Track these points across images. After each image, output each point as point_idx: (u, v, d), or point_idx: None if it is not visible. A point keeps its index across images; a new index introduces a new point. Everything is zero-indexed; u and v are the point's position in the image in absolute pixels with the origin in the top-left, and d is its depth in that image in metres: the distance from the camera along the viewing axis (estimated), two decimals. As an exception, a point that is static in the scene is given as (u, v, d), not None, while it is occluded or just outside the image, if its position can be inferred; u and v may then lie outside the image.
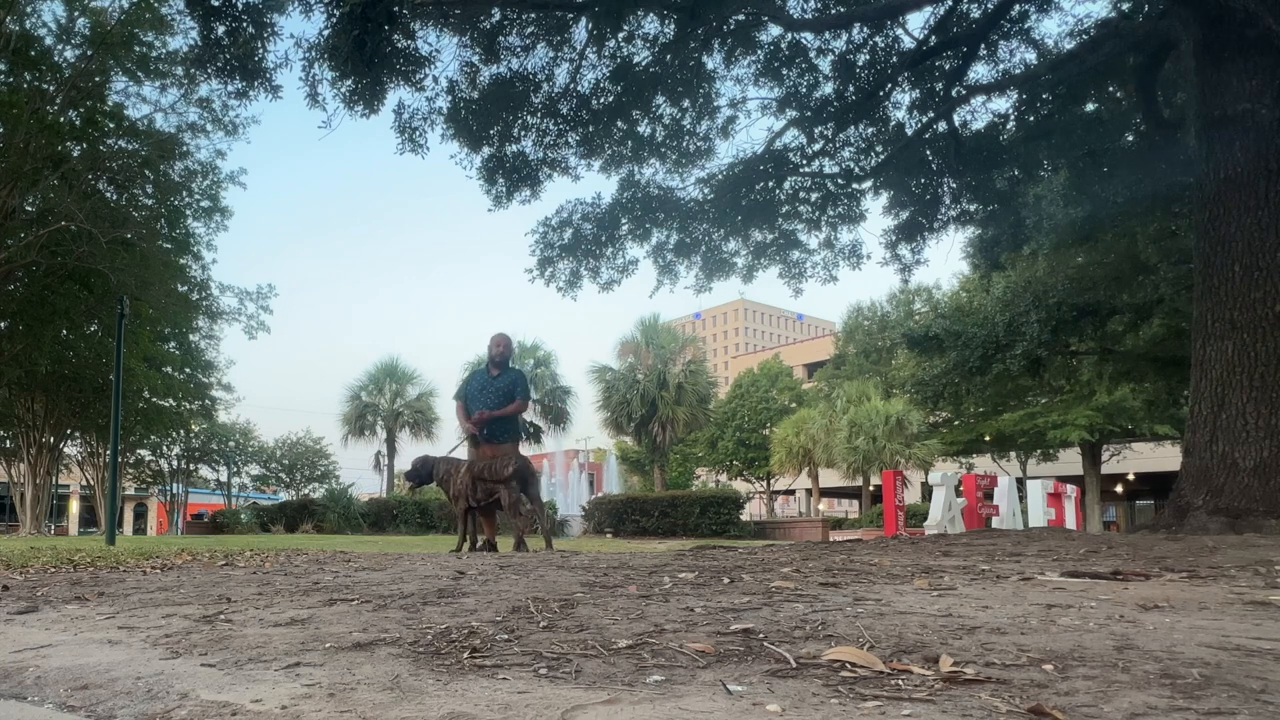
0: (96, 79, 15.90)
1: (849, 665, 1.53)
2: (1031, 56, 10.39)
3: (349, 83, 8.46)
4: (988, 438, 29.70)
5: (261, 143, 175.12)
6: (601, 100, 10.31)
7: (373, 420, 39.61)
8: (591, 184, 70.85)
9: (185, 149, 17.32)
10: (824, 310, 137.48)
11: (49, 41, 15.51)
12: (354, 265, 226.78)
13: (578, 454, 35.28)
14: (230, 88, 8.70)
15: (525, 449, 7.27)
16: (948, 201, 11.73)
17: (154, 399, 22.51)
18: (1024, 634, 1.86)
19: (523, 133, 10.55)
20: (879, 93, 10.80)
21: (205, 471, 43.41)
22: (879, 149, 11.47)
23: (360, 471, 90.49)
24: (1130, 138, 10.86)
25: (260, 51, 8.28)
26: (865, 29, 10.34)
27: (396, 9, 7.72)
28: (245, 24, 8.09)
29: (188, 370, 24.31)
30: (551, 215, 11.38)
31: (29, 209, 16.32)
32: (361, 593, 2.89)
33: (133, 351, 18.17)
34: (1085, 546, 4.69)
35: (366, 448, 40.12)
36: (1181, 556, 4.00)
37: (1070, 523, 16.51)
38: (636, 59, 10.05)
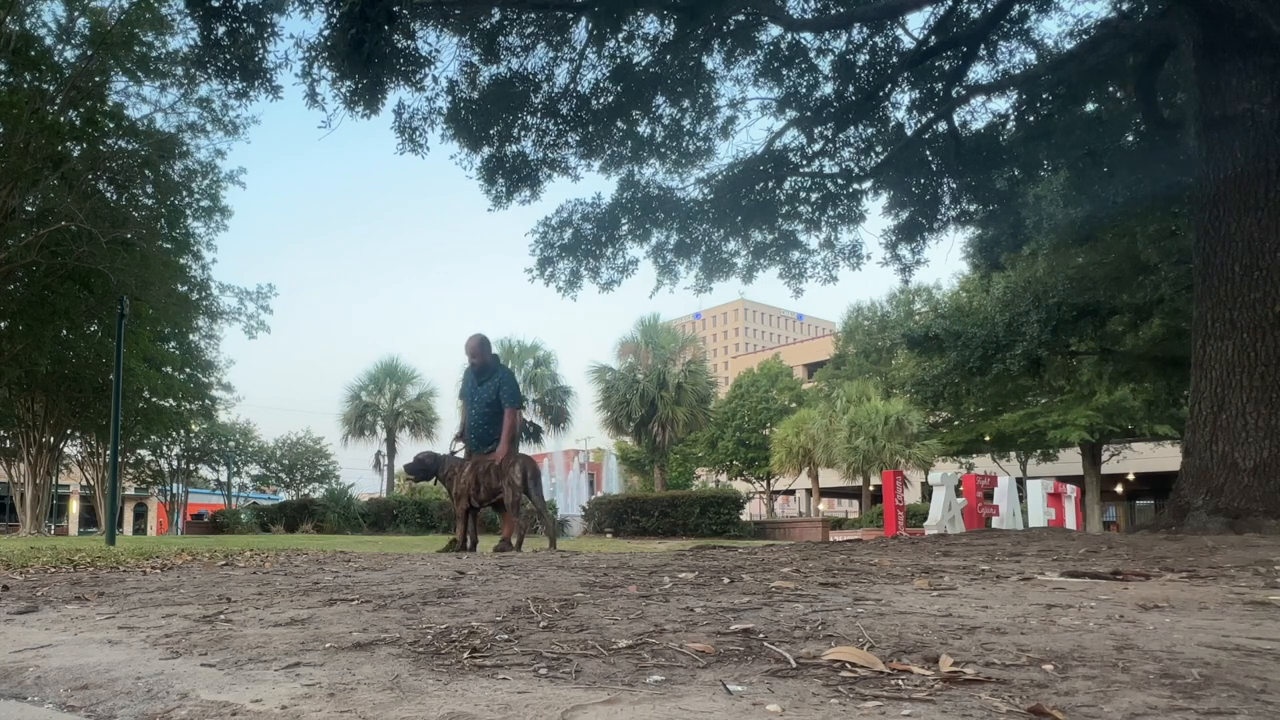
0: (96, 79, 15.89)
1: (849, 665, 1.53)
2: (1031, 56, 10.40)
3: (349, 83, 8.46)
4: (988, 438, 29.70)
5: (261, 143, 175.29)
6: (601, 100, 10.31)
7: (373, 420, 39.65)
8: (591, 184, 70.87)
9: (185, 149, 17.34)
10: (824, 310, 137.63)
11: (49, 41, 15.52)
12: (354, 265, 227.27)
13: (578, 454, 35.28)
14: (230, 88, 8.71)
15: (525, 448, 7.28)
16: (948, 201, 11.73)
17: (154, 399, 22.52)
18: (1024, 634, 1.86)
19: (523, 133, 10.56)
20: (879, 93, 10.79)
21: (205, 471, 43.45)
22: (879, 149, 11.47)
23: (360, 471, 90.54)
24: (1130, 138, 10.86)
25: (260, 51, 8.29)
26: (865, 29, 10.34)
27: (396, 9, 7.72)
28: (245, 24, 8.09)
29: (188, 370, 24.32)
30: (551, 215, 11.40)
31: (29, 209, 16.31)
32: (361, 593, 2.89)
33: (133, 351, 18.17)
34: (1085, 546, 4.69)
35: (366, 448, 40.24)
36: (1181, 556, 4.00)
37: (1070, 523, 16.51)
38: (636, 59, 10.05)
